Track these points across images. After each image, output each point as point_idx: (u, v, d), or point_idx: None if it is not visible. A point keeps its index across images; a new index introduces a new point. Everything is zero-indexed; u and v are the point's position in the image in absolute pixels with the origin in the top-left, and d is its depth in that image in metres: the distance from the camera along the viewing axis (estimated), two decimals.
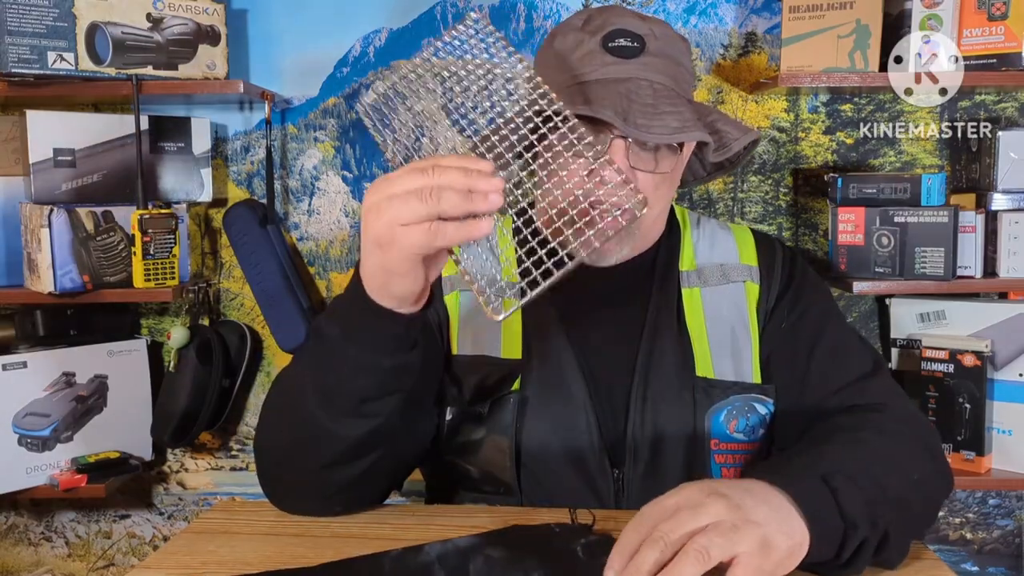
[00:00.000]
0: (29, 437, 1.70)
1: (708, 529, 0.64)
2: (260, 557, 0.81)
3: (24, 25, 1.56)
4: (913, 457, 0.86)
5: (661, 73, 0.94)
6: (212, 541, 0.85)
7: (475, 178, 0.67)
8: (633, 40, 0.93)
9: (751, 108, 1.83)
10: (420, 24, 1.84)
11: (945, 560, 1.87)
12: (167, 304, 1.89)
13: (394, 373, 0.81)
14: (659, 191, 0.97)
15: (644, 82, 0.93)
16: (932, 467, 0.88)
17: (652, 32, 0.95)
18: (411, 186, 0.68)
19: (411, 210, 0.68)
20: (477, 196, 0.67)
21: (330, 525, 0.88)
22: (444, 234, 0.68)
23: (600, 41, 0.94)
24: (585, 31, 0.96)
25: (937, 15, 1.61)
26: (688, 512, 0.65)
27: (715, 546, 0.63)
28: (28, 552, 1.98)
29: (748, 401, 0.98)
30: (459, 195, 0.67)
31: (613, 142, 0.91)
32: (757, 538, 0.65)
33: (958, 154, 1.80)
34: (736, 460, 0.99)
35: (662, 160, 0.95)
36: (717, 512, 0.65)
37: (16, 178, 1.73)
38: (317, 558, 0.80)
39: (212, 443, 1.94)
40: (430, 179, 0.68)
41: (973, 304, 1.71)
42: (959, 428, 1.67)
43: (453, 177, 0.67)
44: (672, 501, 0.67)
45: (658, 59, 0.94)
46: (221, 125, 1.88)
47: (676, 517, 0.65)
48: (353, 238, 1.90)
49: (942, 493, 0.90)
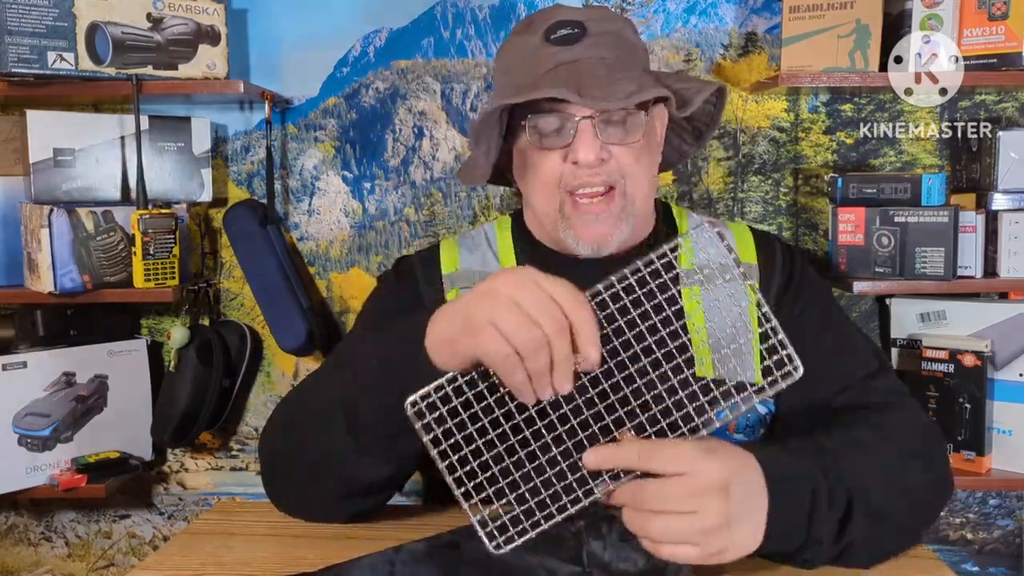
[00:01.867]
0: (29, 437, 1.70)
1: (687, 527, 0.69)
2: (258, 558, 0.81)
3: (24, 25, 1.56)
4: (908, 463, 0.86)
5: (608, 48, 0.97)
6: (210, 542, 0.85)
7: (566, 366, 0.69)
8: (573, 27, 0.96)
9: (751, 108, 1.83)
10: (420, 24, 1.84)
11: (945, 560, 1.87)
12: (167, 304, 1.89)
13: None
14: (640, 163, 0.97)
15: (593, 59, 0.95)
16: (927, 475, 0.88)
17: (591, 17, 0.98)
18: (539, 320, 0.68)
19: (514, 331, 0.68)
20: (546, 380, 0.69)
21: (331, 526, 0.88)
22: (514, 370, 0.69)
23: (542, 36, 0.96)
24: (527, 33, 0.99)
25: (937, 15, 1.61)
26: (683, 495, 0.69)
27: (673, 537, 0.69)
28: (28, 552, 1.97)
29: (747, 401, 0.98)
30: (546, 364, 0.68)
31: (579, 124, 0.92)
32: (718, 547, 0.70)
33: (958, 154, 1.80)
34: None
35: (632, 130, 0.96)
36: (707, 512, 0.69)
37: (16, 178, 1.72)
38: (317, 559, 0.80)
39: (212, 443, 1.94)
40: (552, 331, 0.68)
41: (973, 304, 1.71)
42: (959, 428, 1.66)
43: (561, 348, 0.68)
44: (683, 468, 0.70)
45: (602, 37, 0.96)
46: (221, 125, 1.88)
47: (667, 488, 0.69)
48: (353, 238, 1.89)
49: (936, 500, 0.90)
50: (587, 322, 0.69)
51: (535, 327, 0.68)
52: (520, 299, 0.69)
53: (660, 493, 0.69)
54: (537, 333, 0.68)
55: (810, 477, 0.76)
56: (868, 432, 0.87)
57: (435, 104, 1.86)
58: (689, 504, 0.68)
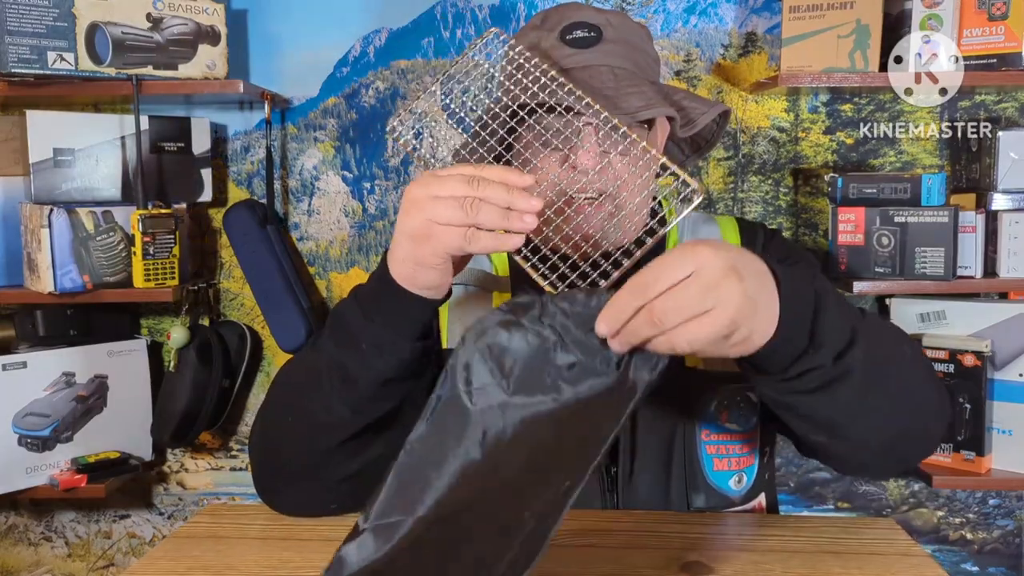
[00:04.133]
0: (29, 437, 1.70)
1: (706, 322, 0.65)
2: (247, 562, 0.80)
3: (24, 25, 1.56)
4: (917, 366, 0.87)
5: (621, 58, 0.96)
6: (198, 546, 0.84)
7: (515, 196, 0.71)
8: (590, 31, 0.96)
9: (751, 108, 1.83)
10: (420, 24, 1.84)
11: (945, 560, 1.88)
12: (167, 304, 1.89)
13: (416, 357, 0.82)
14: (638, 175, 0.97)
15: (604, 68, 0.95)
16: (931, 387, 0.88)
17: (609, 22, 0.97)
18: (455, 192, 0.72)
19: (450, 214, 0.72)
20: (514, 215, 0.71)
21: (318, 528, 0.88)
22: (478, 241, 0.72)
23: (558, 35, 0.96)
24: (543, 28, 0.98)
25: (937, 15, 1.61)
26: (698, 294, 0.65)
27: (701, 343, 0.65)
28: (28, 552, 1.98)
29: (740, 391, 0.98)
30: (498, 211, 0.71)
31: (583, 128, 0.92)
32: (744, 334, 0.67)
33: (958, 154, 1.80)
34: (728, 451, 0.98)
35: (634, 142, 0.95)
36: (728, 301, 0.65)
37: (16, 178, 1.72)
38: (305, 562, 0.80)
39: (212, 443, 1.94)
40: (474, 190, 0.71)
41: (973, 304, 1.71)
42: (959, 428, 1.66)
43: (495, 192, 0.71)
44: (687, 269, 0.66)
45: (616, 45, 0.96)
46: (221, 125, 1.88)
47: (682, 298, 0.65)
48: (353, 238, 1.89)
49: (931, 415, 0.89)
50: (489, 168, 0.73)
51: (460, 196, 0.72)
52: (434, 190, 0.73)
53: (674, 305, 0.65)
54: (468, 191, 0.71)
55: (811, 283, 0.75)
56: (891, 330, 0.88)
57: (435, 104, 1.85)
58: (707, 301, 0.65)
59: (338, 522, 0.90)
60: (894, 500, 1.89)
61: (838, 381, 0.75)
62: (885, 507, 1.89)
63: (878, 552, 0.83)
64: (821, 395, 0.76)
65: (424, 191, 0.73)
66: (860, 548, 0.84)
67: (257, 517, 0.91)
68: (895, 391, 0.82)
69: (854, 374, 0.75)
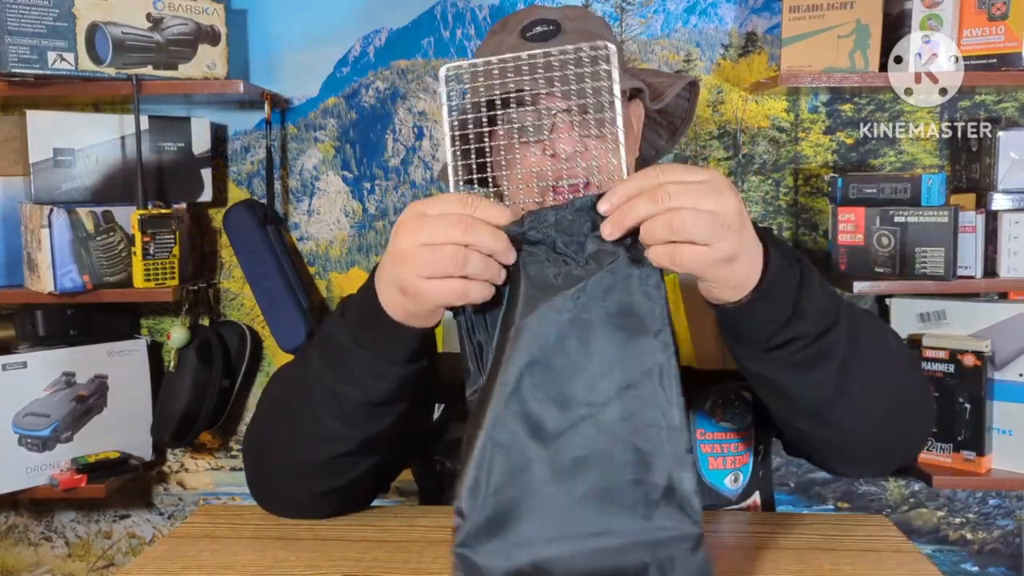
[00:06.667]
0: (29, 437, 1.70)
1: (706, 212, 0.67)
2: (242, 561, 0.80)
3: (24, 25, 1.56)
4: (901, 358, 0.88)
5: None
6: (194, 546, 0.84)
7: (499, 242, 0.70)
8: (548, 25, 0.98)
9: (751, 108, 1.83)
10: (420, 24, 1.84)
11: (945, 560, 1.88)
12: (167, 304, 1.89)
13: (407, 379, 0.82)
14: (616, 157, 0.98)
15: None
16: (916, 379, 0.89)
17: (566, 15, 0.99)
18: (445, 238, 0.69)
19: (441, 268, 0.70)
20: (494, 264, 0.70)
21: (314, 528, 0.88)
22: (467, 296, 0.71)
23: (519, 34, 0.98)
24: (504, 32, 1.00)
25: (937, 15, 1.61)
26: (706, 191, 0.67)
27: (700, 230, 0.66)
28: (28, 552, 1.98)
29: (734, 389, 0.98)
30: (484, 261, 0.70)
31: (556, 116, 0.92)
32: (732, 249, 0.68)
33: (958, 154, 1.80)
34: (724, 450, 0.98)
35: (608, 122, 0.96)
36: (727, 207, 0.67)
37: (16, 178, 1.72)
38: (300, 562, 0.80)
39: (212, 443, 1.94)
40: (463, 235, 0.69)
41: (973, 304, 1.71)
42: (959, 428, 1.66)
43: (483, 238, 0.69)
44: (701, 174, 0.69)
45: (576, 35, 0.97)
46: (221, 125, 1.88)
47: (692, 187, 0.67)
48: (353, 238, 1.89)
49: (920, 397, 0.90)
50: (482, 207, 0.71)
51: (451, 247, 0.69)
52: (422, 238, 0.70)
53: (684, 189, 0.67)
54: (459, 252, 0.69)
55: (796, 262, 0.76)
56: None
57: (435, 104, 1.86)
58: (711, 201, 0.67)
59: (333, 521, 0.90)
60: (894, 500, 1.89)
61: (822, 358, 0.76)
62: (885, 507, 1.89)
63: (869, 548, 0.83)
64: (804, 371, 0.77)
65: (412, 241, 0.71)
66: (852, 545, 0.84)
67: (251, 517, 0.91)
68: (877, 378, 0.82)
69: (836, 352, 0.77)
